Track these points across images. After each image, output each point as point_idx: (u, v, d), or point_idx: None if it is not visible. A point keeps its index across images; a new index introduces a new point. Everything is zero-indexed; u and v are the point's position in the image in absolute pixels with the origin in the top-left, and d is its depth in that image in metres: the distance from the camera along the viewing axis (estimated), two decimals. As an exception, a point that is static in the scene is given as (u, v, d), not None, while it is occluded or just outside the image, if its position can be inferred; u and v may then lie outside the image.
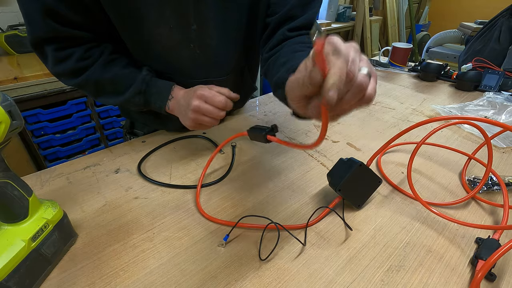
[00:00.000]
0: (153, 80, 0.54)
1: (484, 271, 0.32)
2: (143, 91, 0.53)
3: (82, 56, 0.51)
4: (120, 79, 0.53)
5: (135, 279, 0.36)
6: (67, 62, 0.50)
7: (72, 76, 0.52)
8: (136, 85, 0.53)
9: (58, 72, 0.52)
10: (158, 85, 0.54)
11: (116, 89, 0.54)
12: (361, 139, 0.66)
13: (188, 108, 0.49)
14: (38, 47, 0.49)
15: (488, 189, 0.49)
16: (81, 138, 1.46)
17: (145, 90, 0.53)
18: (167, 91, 0.54)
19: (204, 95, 0.49)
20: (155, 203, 0.48)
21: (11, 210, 0.33)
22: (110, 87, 0.54)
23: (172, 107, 0.54)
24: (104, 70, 0.52)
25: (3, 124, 0.30)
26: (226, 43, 0.58)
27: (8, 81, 1.14)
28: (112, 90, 0.54)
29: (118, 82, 0.53)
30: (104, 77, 0.52)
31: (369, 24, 2.86)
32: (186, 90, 0.53)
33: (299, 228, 0.42)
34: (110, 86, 0.53)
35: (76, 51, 0.50)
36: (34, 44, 0.49)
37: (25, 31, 1.43)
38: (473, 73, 0.93)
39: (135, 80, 0.53)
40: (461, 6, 3.54)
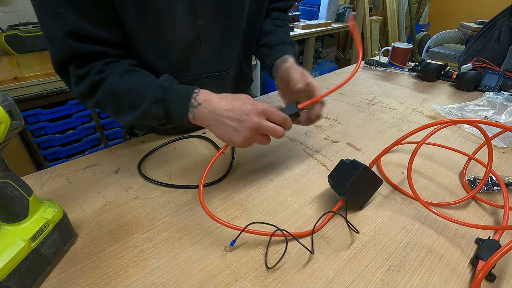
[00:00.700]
0: (173, 85, 0.46)
1: (484, 272, 0.32)
2: (161, 99, 0.44)
3: (100, 69, 0.47)
4: (135, 87, 0.46)
5: (135, 279, 0.36)
6: (87, 79, 0.46)
7: (91, 93, 0.47)
8: (152, 93, 0.45)
9: (80, 92, 0.48)
10: (178, 90, 0.46)
11: (131, 101, 0.46)
12: (361, 139, 0.66)
13: (243, 125, 0.42)
14: (62, 70, 0.47)
15: (488, 189, 0.49)
16: (81, 138, 1.46)
17: (163, 98, 0.44)
18: (188, 95, 0.45)
19: (266, 111, 0.43)
20: (155, 203, 0.48)
21: (11, 210, 0.33)
22: (126, 99, 0.46)
23: (200, 118, 0.44)
24: (120, 79, 0.47)
25: (3, 124, 0.30)
26: (229, 37, 0.59)
27: (8, 81, 1.14)
28: (128, 102, 0.46)
29: (133, 91, 0.46)
30: (119, 87, 0.46)
31: (369, 24, 2.86)
32: (225, 98, 0.45)
33: (305, 235, 0.41)
34: (126, 97, 0.46)
35: (95, 65, 0.46)
36: (58, 67, 0.47)
37: (25, 30, 1.44)
38: (473, 73, 0.93)
39: (151, 88, 0.45)
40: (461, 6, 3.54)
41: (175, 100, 0.45)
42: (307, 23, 2.37)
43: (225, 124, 0.43)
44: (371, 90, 0.95)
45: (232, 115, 0.43)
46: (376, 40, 3.06)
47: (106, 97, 0.47)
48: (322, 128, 0.71)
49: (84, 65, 0.46)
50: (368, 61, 1.19)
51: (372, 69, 1.16)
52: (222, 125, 0.43)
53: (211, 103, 0.44)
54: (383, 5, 3.10)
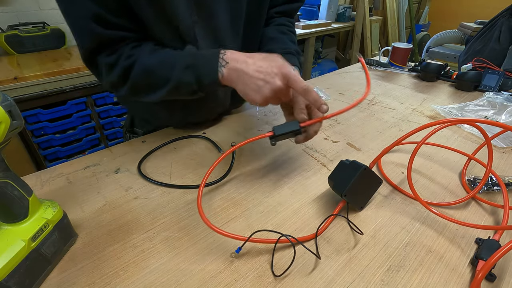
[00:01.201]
0: (199, 51, 0.50)
1: (484, 272, 0.32)
2: (190, 65, 0.47)
3: (129, 54, 0.49)
4: (165, 61, 0.48)
5: (135, 279, 0.36)
6: (118, 65, 0.48)
7: (124, 79, 0.49)
8: (181, 61, 0.48)
9: (113, 80, 0.49)
10: (204, 54, 0.48)
11: (163, 73, 0.48)
12: (361, 139, 0.66)
13: (267, 85, 0.44)
14: (91, 61, 0.49)
15: (488, 189, 0.49)
16: (81, 138, 1.46)
17: (193, 64, 0.47)
18: (215, 56, 0.47)
19: (290, 77, 0.44)
20: (155, 203, 0.48)
21: (11, 210, 0.33)
22: (159, 72, 0.49)
23: (228, 76, 0.46)
24: (150, 57, 0.49)
25: (3, 124, 0.30)
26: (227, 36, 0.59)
27: (8, 81, 1.14)
28: (161, 75, 0.49)
29: (164, 64, 0.48)
30: (151, 64, 0.48)
31: (369, 24, 2.86)
32: (252, 56, 0.46)
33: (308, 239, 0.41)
34: (158, 71, 0.48)
35: (123, 51, 0.48)
36: (87, 58, 0.48)
37: (25, 30, 1.44)
38: (473, 73, 0.93)
39: (179, 57, 0.48)
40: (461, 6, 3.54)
41: (204, 63, 0.47)
42: (307, 23, 2.37)
43: (250, 83, 0.44)
44: (371, 90, 0.95)
45: (258, 75, 0.44)
46: (376, 40, 3.06)
47: (139, 77, 0.49)
48: (322, 128, 0.71)
49: (113, 52, 0.48)
50: (368, 61, 1.19)
51: (372, 69, 1.16)
52: (246, 83, 0.45)
53: (238, 61, 0.46)
54: (383, 5, 3.10)
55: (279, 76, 0.44)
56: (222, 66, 0.46)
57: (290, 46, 0.63)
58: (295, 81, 0.43)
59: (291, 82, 0.44)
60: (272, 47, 0.63)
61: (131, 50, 0.49)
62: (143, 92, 0.51)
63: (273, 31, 0.65)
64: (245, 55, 0.46)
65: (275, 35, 0.64)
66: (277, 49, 0.62)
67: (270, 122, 0.74)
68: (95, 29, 0.45)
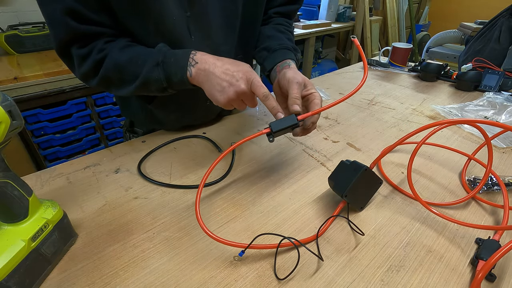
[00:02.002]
0: (170, 50, 0.50)
1: (484, 272, 0.32)
2: (160, 62, 0.48)
3: (101, 48, 0.49)
4: (136, 57, 0.49)
5: (135, 279, 0.36)
6: (90, 58, 0.49)
7: (95, 71, 0.50)
8: (152, 57, 0.48)
9: (84, 71, 0.51)
10: (176, 52, 0.49)
11: (134, 69, 0.49)
12: (361, 139, 0.66)
13: (231, 87, 0.45)
14: (64, 52, 0.49)
15: (488, 189, 0.49)
16: (81, 138, 1.46)
17: (163, 61, 0.48)
18: (185, 56, 0.48)
19: (252, 81, 0.45)
20: (155, 203, 0.48)
21: (11, 210, 0.33)
22: (129, 68, 0.49)
23: (196, 75, 0.47)
24: (121, 52, 0.49)
25: (3, 124, 0.30)
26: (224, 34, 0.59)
27: (8, 81, 1.14)
28: (131, 71, 0.49)
29: (134, 60, 0.49)
30: (121, 59, 0.49)
31: (369, 24, 2.86)
32: (221, 59, 0.48)
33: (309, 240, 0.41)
34: (129, 66, 0.49)
35: (96, 44, 0.49)
36: (60, 50, 0.49)
37: (25, 30, 1.44)
38: (473, 73, 0.93)
39: (150, 54, 0.49)
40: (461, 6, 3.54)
41: (174, 61, 0.48)
42: (307, 23, 2.37)
43: (215, 83, 0.46)
44: (371, 90, 0.95)
45: (224, 76, 0.46)
46: (376, 40, 3.06)
47: (109, 71, 0.50)
48: (322, 128, 0.71)
49: (86, 45, 0.49)
50: (368, 61, 1.19)
51: (372, 69, 1.16)
52: (212, 84, 0.46)
53: (207, 62, 0.47)
54: (383, 5, 3.10)
55: (244, 80, 0.45)
56: (191, 66, 0.47)
57: (286, 43, 0.63)
58: (257, 87, 0.45)
59: (254, 87, 0.45)
60: (268, 44, 0.63)
61: (104, 44, 0.50)
62: (113, 86, 0.53)
63: (270, 30, 0.66)
64: (215, 58, 0.48)
65: (272, 33, 0.65)
66: (273, 45, 0.62)
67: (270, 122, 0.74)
68: (69, 23, 0.45)
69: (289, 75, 0.50)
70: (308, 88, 0.50)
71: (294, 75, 0.50)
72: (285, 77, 0.51)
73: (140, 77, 0.49)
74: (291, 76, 0.50)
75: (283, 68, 0.56)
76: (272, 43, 0.62)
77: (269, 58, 0.61)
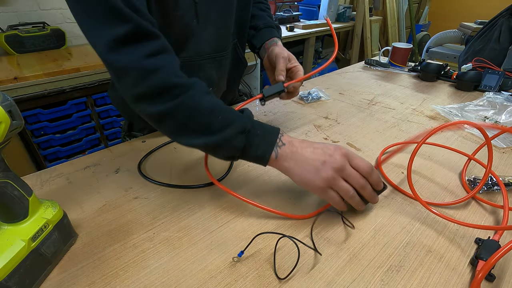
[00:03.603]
0: (256, 121, 0.43)
1: (484, 272, 0.32)
2: (247, 131, 0.41)
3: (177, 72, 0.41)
4: (221, 111, 0.42)
5: (135, 279, 0.36)
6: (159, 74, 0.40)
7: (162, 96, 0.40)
8: (240, 122, 0.41)
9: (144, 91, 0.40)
10: (265, 126, 0.43)
11: (211, 124, 0.41)
12: (361, 139, 0.66)
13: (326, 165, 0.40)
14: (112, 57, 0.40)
15: (488, 189, 0.49)
16: (81, 138, 1.46)
17: (250, 130, 0.41)
18: (275, 133, 0.42)
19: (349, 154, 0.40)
20: (155, 203, 0.48)
21: (11, 210, 0.33)
22: (206, 120, 0.41)
23: (282, 156, 0.42)
24: (205, 97, 0.42)
25: (3, 124, 0.30)
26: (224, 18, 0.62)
27: (8, 81, 1.14)
28: (207, 125, 0.41)
29: (218, 114, 0.41)
30: (204, 105, 0.41)
31: (369, 24, 2.86)
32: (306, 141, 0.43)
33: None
34: (207, 118, 0.41)
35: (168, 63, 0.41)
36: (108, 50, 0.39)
37: (25, 30, 1.44)
38: (473, 73, 0.93)
39: (238, 117, 0.42)
40: (461, 6, 3.54)
41: (261, 134, 0.42)
42: (307, 23, 2.37)
43: (307, 164, 0.40)
44: (371, 90, 0.95)
45: (314, 155, 0.41)
46: (376, 40, 3.06)
47: (181, 110, 0.41)
48: (322, 128, 0.71)
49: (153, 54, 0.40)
50: (368, 61, 1.19)
51: (372, 69, 1.16)
52: (303, 165, 0.41)
53: (294, 144, 0.42)
54: (383, 5, 3.10)
55: (338, 153, 0.40)
56: (278, 146, 0.42)
57: (270, 21, 0.71)
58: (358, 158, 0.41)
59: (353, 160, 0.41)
60: (255, 23, 0.70)
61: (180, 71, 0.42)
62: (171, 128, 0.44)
63: (253, 9, 0.72)
64: (300, 140, 0.43)
65: (256, 13, 0.72)
66: (259, 24, 0.69)
67: (270, 121, 0.74)
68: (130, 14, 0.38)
69: (277, 51, 0.61)
70: (292, 62, 0.60)
71: (281, 51, 0.61)
72: (273, 53, 0.62)
73: (218, 136, 0.41)
74: (278, 52, 0.61)
75: (271, 45, 0.64)
76: (258, 22, 0.70)
77: (257, 37, 0.69)
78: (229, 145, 0.41)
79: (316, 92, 0.88)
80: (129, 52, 0.39)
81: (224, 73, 0.72)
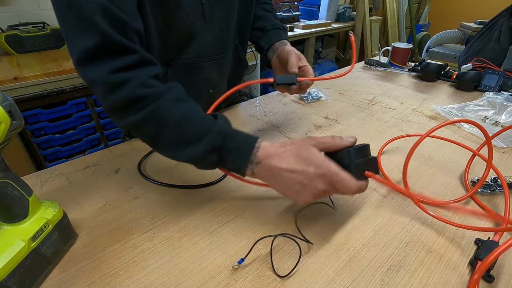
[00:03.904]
0: (231, 131, 0.40)
1: (480, 272, 0.32)
2: (218, 147, 0.39)
3: (146, 83, 0.39)
4: (190, 121, 0.40)
5: (135, 279, 0.36)
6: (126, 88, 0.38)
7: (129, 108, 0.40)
8: (210, 137, 0.39)
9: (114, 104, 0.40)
10: (238, 139, 0.40)
11: (180, 137, 0.40)
12: (361, 139, 0.66)
13: (305, 190, 0.37)
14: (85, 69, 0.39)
15: (492, 191, 0.49)
16: (81, 138, 1.46)
17: (221, 146, 0.39)
18: (248, 149, 0.39)
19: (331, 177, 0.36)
20: (155, 203, 0.48)
21: (11, 210, 0.33)
22: (174, 132, 0.40)
23: (259, 174, 0.40)
24: (174, 105, 0.40)
25: (3, 124, 0.30)
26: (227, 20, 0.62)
27: (8, 81, 1.14)
28: (176, 138, 0.40)
29: (186, 126, 0.40)
30: (171, 116, 0.39)
31: (369, 24, 2.85)
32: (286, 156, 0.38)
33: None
34: (176, 128, 0.40)
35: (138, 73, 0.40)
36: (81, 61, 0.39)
37: (25, 30, 1.44)
38: (473, 73, 0.93)
39: (209, 130, 0.39)
40: (461, 6, 3.54)
41: (234, 151, 0.39)
42: (307, 23, 2.37)
43: (286, 186, 0.39)
44: (371, 90, 0.95)
45: (294, 177, 0.38)
46: (376, 40, 3.06)
47: (152, 119, 0.40)
48: (322, 128, 0.71)
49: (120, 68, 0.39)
50: (368, 61, 1.19)
51: (372, 69, 1.15)
52: (282, 185, 0.39)
53: (271, 163, 0.39)
54: (383, 5, 3.10)
55: (319, 179, 0.37)
56: (253, 164, 0.39)
57: (277, 23, 0.71)
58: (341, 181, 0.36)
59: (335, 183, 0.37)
60: (262, 24, 0.70)
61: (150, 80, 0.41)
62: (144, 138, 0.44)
63: (258, 10, 0.72)
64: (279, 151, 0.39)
65: (261, 13, 0.72)
66: (266, 26, 0.69)
67: (270, 121, 0.74)
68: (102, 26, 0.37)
69: (288, 49, 0.62)
70: (302, 61, 0.61)
71: (292, 49, 0.62)
72: (284, 51, 0.62)
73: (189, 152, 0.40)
74: (290, 49, 0.62)
75: (281, 45, 0.65)
76: (265, 24, 0.70)
77: (264, 38, 0.69)
78: (202, 161, 0.40)
79: (316, 92, 0.88)
80: (98, 65, 0.38)
81: (225, 74, 0.72)
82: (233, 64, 0.73)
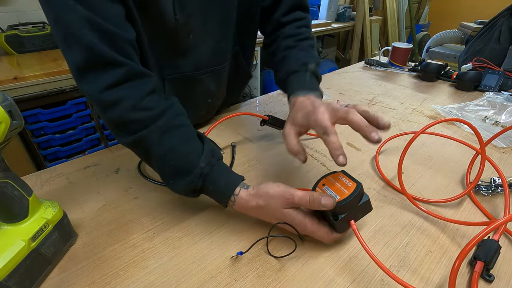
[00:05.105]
0: (212, 174, 0.41)
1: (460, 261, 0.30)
2: (198, 189, 0.41)
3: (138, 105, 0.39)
4: (175, 155, 0.41)
5: (135, 279, 0.36)
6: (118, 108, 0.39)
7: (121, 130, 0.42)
8: (191, 178, 0.40)
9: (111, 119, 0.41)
10: (218, 184, 0.41)
11: (164, 170, 0.42)
12: (361, 139, 0.66)
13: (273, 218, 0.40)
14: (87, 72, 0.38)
15: (493, 191, 0.49)
16: (81, 138, 1.46)
17: (201, 187, 0.41)
18: (228, 194, 0.41)
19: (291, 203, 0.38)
20: (155, 203, 0.48)
21: (11, 210, 0.33)
22: (160, 164, 0.42)
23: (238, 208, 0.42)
24: (162, 137, 0.41)
25: (3, 124, 0.30)
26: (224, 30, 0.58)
27: (8, 81, 1.14)
28: (162, 169, 0.43)
29: (171, 158, 0.41)
30: (159, 147, 0.41)
31: (369, 24, 2.86)
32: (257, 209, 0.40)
33: None
34: (161, 161, 0.41)
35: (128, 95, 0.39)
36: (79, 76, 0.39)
37: (25, 30, 1.44)
38: (473, 73, 0.93)
39: (191, 172, 0.40)
40: (461, 6, 3.54)
41: (213, 194, 0.42)
42: (307, 23, 2.37)
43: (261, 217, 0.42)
44: (371, 90, 0.95)
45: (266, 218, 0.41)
46: (376, 40, 3.06)
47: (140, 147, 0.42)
48: (322, 128, 0.71)
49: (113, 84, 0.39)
50: (368, 61, 1.19)
51: (372, 69, 1.16)
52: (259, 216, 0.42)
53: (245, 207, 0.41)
54: (383, 5, 3.10)
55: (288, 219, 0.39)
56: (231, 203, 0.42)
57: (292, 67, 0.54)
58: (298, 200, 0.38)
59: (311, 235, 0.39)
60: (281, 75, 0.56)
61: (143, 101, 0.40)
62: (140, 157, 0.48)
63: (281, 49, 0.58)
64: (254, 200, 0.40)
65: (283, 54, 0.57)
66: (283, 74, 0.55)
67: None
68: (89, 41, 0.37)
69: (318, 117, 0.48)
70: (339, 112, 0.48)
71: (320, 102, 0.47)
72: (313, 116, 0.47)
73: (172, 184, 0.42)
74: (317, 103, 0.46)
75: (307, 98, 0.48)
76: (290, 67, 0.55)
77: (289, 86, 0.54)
78: (184, 194, 0.43)
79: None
80: (90, 81, 0.38)
81: (223, 84, 0.68)
82: (232, 71, 0.69)
